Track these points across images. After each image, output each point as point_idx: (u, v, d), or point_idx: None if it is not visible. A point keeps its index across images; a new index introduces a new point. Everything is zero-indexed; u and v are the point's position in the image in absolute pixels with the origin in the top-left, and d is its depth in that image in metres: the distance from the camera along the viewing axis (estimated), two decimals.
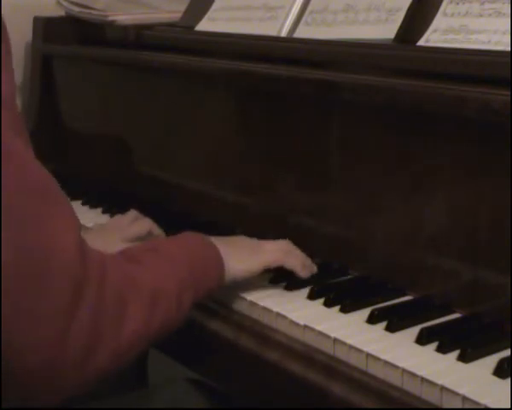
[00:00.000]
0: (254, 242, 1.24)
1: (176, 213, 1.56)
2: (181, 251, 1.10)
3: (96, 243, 1.37)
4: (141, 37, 1.78)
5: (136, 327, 0.96)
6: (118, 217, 1.49)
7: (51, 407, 1.01)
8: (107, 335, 0.93)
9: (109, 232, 1.42)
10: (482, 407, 0.89)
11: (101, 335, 0.92)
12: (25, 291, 0.87)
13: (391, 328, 1.07)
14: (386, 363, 0.99)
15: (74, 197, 1.74)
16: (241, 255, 1.18)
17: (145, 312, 0.98)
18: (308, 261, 1.25)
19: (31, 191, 0.91)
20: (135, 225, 1.43)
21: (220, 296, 1.22)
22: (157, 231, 1.44)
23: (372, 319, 1.10)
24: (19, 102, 2.08)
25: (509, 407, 0.89)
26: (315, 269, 1.25)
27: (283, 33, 1.51)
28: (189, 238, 1.16)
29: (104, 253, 0.98)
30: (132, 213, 1.46)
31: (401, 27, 1.32)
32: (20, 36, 2.03)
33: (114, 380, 1.45)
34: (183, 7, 1.81)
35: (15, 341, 0.87)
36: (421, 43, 1.27)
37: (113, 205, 1.64)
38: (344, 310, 1.14)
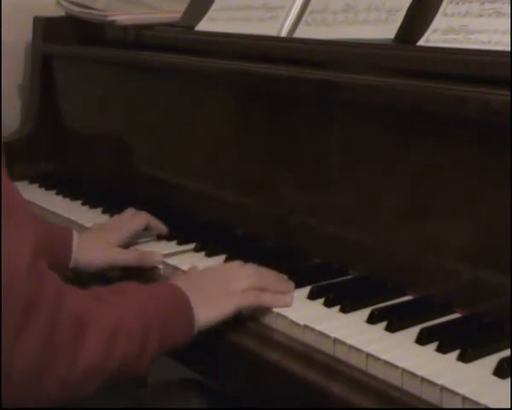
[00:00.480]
0: (222, 279, 1.16)
1: (176, 213, 1.56)
2: (150, 297, 1.05)
3: (96, 242, 1.38)
4: (141, 37, 1.78)
5: (92, 359, 0.92)
6: (116, 217, 1.50)
7: (52, 407, 1.01)
8: (58, 363, 0.90)
9: (108, 232, 1.42)
10: (482, 407, 0.89)
11: (51, 362, 0.89)
12: None
13: (391, 328, 1.07)
14: (386, 363, 0.99)
15: (74, 197, 1.74)
16: (212, 303, 1.11)
17: (103, 347, 0.94)
18: (282, 280, 1.19)
19: None
20: (132, 221, 1.44)
21: None
22: (154, 223, 1.46)
23: (372, 319, 1.10)
24: (19, 102, 2.08)
25: (508, 407, 0.89)
26: (292, 287, 1.19)
27: (283, 33, 1.51)
28: (161, 287, 1.12)
29: (63, 282, 0.94)
30: (129, 211, 1.48)
31: (401, 27, 1.32)
32: (20, 36, 2.03)
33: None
34: (183, 7, 1.81)
35: None
36: (421, 43, 1.27)
37: (113, 205, 1.64)
38: (344, 310, 1.14)
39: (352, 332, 1.07)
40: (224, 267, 1.23)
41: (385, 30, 1.34)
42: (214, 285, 1.15)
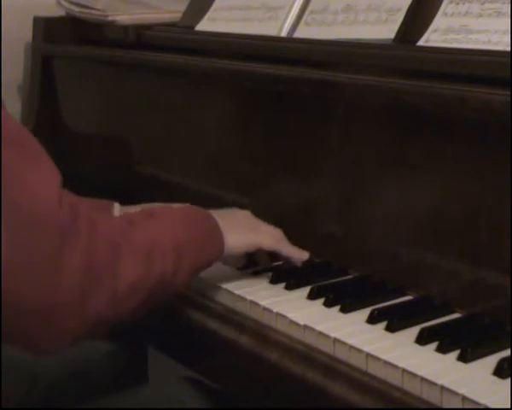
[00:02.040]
0: (251, 220, 1.26)
1: None
2: (181, 218, 1.12)
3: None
4: (141, 37, 1.78)
5: (132, 277, 0.98)
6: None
7: (52, 408, 1.01)
8: (103, 281, 0.95)
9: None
10: (482, 407, 0.89)
11: (97, 279, 0.94)
12: (13, 242, 0.89)
13: (391, 328, 1.07)
14: (386, 363, 0.99)
15: None
16: (239, 230, 1.20)
17: (140, 264, 0.99)
18: (299, 251, 1.26)
19: (9, 144, 0.92)
20: None
21: (220, 296, 1.22)
22: None
23: (372, 319, 1.10)
24: (19, 102, 2.08)
25: (509, 407, 0.89)
26: (306, 255, 1.26)
27: (283, 33, 1.51)
28: (189, 209, 1.19)
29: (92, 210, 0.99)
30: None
31: (401, 27, 1.32)
32: (20, 36, 2.03)
33: (114, 380, 1.46)
34: (183, 7, 1.81)
35: (11, 289, 0.89)
36: (421, 43, 1.27)
37: None
38: (344, 310, 1.14)
39: (352, 332, 1.07)
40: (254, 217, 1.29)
41: (385, 30, 1.34)
42: (242, 219, 1.25)
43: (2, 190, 0.89)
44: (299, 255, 1.25)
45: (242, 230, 1.21)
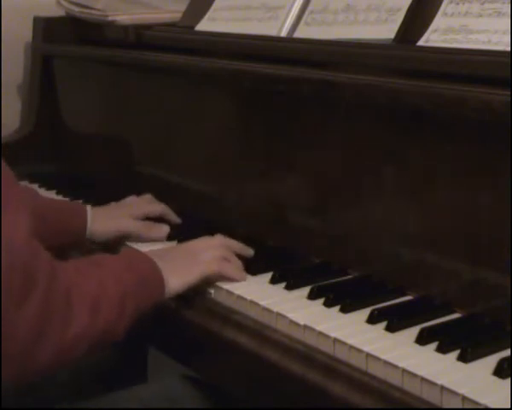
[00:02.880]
0: (190, 251, 1.26)
1: (176, 213, 1.56)
2: (124, 266, 1.13)
3: (107, 214, 1.45)
4: (141, 37, 1.78)
5: (80, 327, 0.99)
6: (132, 197, 1.55)
7: (52, 407, 1.01)
8: (52, 333, 0.95)
9: (119, 208, 1.50)
10: (482, 407, 0.89)
11: (47, 330, 0.95)
12: None
13: (391, 328, 1.07)
14: (386, 363, 0.99)
15: (74, 197, 1.74)
16: (179, 270, 1.20)
17: (88, 315, 1.00)
18: (240, 272, 1.26)
19: None
20: (148, 205, 1.52)
21: (220, 296, 1.22)
22: (172, 217, 1.52)
23: (372, 319, 1.10)
24: (19, 102, 2.08)
25: (508, 407, 0.89)
26: (244, 277, 1.26)
27: (283, 33, 1.51)
28: (131, 255, 1.20)
29: (53, 258, 1.00)
30: (147, 196, 1.55)
31: (401, 27, 1.32)
32: (20, 36, 2.03)
33: (113, 379, 1.46)
34: (183, 7, 1.81)
35: None
36: (421, 43, 1.27)
37: None
38: (344, 310, 1.14)
39: (352, 332, 1.07)
40: (193, 242, 1.30)
41: (385, 30, 1.34)
42: (182, 256, 1.25)
43: None
44: (240, 277, 1.24)
45: (183, 268, 1.21)
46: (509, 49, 1.14)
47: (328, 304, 1.16)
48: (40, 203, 1.43)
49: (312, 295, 1.19)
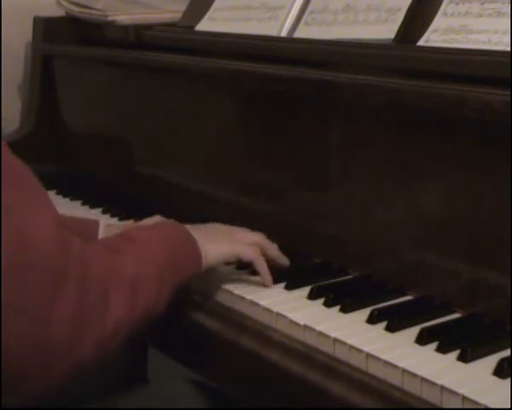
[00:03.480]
0: (230, 230, 1.25)
1: (176, 213, 1.56)
2: (158, 239, 1.11)
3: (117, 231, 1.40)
4: (141, 37, 1.78)
5: (119, 315, 0.97)
6: (156, 217, 1.49)
7: (52, 407, 1.01)
8: (92, 324, 0.94)
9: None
10: (482, 407, 0.89)
11: (86, 325, 0.93)
12: (5, 283, 0.87)
13: (391, 328, 1.07)
14: (386, 363, 0.99)
15: (74, 197, 1.75)
16: (217, 242, 1.19)
17: (127, 299, 0.99)
18: (279, 256, 1.27)
19: (7, 181, 0.91)
20: None
21: (220, 296, 1.22)
22: None
23: (372, 319, 1.10)
24: (19, 102, 2.08)
25: (509, 407, 0.89)
26: (287, 262, 1.26)
27: (283, 33, 1.51)
28: (165, 227, 1.18)
29: (84, 243, 0.98)
30: (156, 218, 1.47)
31: (401, 27, 1.32)
32: (20, 36, 2.03)
33: (114, 380, 1.46)
34: (183, 7, 1.81)
35: (2, 331, 0.87)
36: (421, 43, 1.27)
37: (114, 205, 1.64)
38: (344, 310, 1.14)
39: (352, 332, 1.07)
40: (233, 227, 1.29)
41: (385, 30, 1.34)
42: (220, 231, 1.24)
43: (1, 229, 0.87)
44: (267, 281, 1.22)
45: (220, 241, 1.20)
46: (509, 49, 1.14)
47: (328, 304, 1.16)
48: None
49: (312, 295, 1.19)
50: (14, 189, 0.91)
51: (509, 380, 0.94)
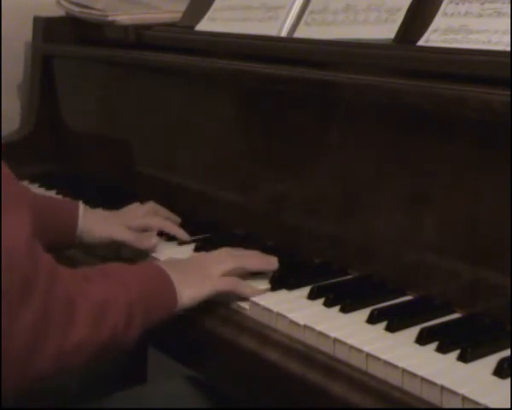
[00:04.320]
0: (205, 265, 1.22)
1: (176, 213, 1.56)
2: (133, 275, 1.11)
3: (101, 217, 1.42)
4: (141, 37, 1.78)
5: (82, 333, 0.97)
6: (135, 204, 1.51)
7: (52, 407, 1.01)
8: (52, 339, 0.94)
9: (116, 215, 1.47)
10: (482, 407, 0.89)
11: (46, 338, 0.93)
12: None
13: (391, 328, 1.07)
14: (386, 363, 0.99)
15: (74, 197, 1.74)
16: (192, 283, 1.17)
17: (93, 320, 0.99)
18: (267, 258, 1.26)
19: None
20: (146, 218, 1.46)
21: (220, 296, 1.22)
22: (171, 229, 1.45)
23: (372, 319, 1.10)
24: (19, 102, 2.08)
25: (508, 407, 0.89)
26: (275, 264, 1.25)
27: (283, 33, 1.51)
28: (143, 267, 1.18)
29: (56, 263, 0.98)
30: (149, 206, 1.49)
31: (401, 27, 1.32)
32: (20, 36, 2.03)
33: (113, 379, 1.46)
34: (183, 7, 1.81)
35: None
36: (421, 43, 1.27)
37: (114, 205, 1.64)
38: (344, 310, 1.14)
39: (352, 332, 1.07)
40: (205, 254, 1.29)
41: (385, 30, 1.34)
42: (194, 268, 1.21)
43: None
44: (253, 293, 1.20)
45: (196, 281, 1.18)
46: (509, 49, 1.14)
47: (328, 304, 1.16)
48: (31, 198, 1.39)
49: (312, 295, 1.19)
50: None
51: (508, 380, 0.94)
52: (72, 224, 1.41)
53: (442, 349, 1.01)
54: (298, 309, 1.15)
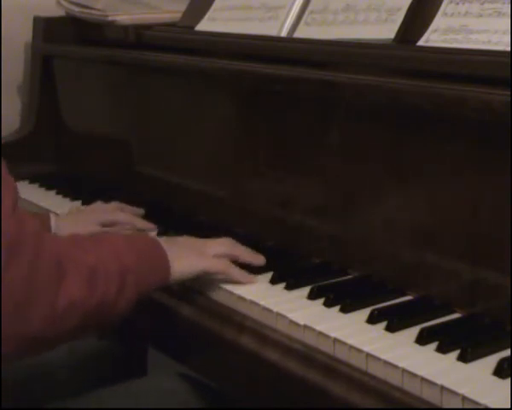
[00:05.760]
0: (199, 243, 1.25)
1: (176, 213, 1.56)
2: (126, 244, 1.12)
3: (68, 221, 1.41)
4: (141, 37, 1.78)
5: (73, 294, 0.98)
6: (99, 203, 1.53)
7: (52, 407, 1.01)
8: (43, 297, 0.95)
9: (84, 213, 1.48)
10: (482, 407, 0.89)
11: (37, 296, 0.94)
12: None
13: (391, 328, 1.07)
14: (386, 363, 0.99)
15: (74, 197, 1.74)
16: (186, 257, 1.19)
17: (84, 283, 1.00)
18: (254, 255, 1.28)
19: None
20: (116, 212, 1.47)
21: (220, 296, 1.22)
22: (140, 224, 1.47)
23: (372, 319, 1.10)
24: (19, 102, 2.08)
25: (509, 407, 0.89)
26: (262, 260, 1.27)
27: (283, 33, 1.51)
28: (137, 236, 1.20)
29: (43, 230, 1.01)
30: (115, 204, 1.51)
31: (401, 27, 1.32)
32: (20, 36, 2.03)
33: (114, 377, 1.46)
34: (183, 7, 1.81)
35: None
36: (421, 43, 1.27)
37: None
38: (344, 310, 1.14)
39: (352, 332, 1.07)
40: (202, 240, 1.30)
41: (385, 30, 1.34)
42: (188, 244, 1.24)
43: None
44: (246, 280, 1.23)
45: (189, 256, 1.20)
46: (509, 49, 1.14)
47: (328, 304, 1.16)
48: None
49: (312, 295, 1.19)
50: None
51: (509, 380, 0.94)
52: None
53: (442, 349, 1.01)
54: (298, 309, 1.15)
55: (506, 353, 1.00)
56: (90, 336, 1.48)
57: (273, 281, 1.25)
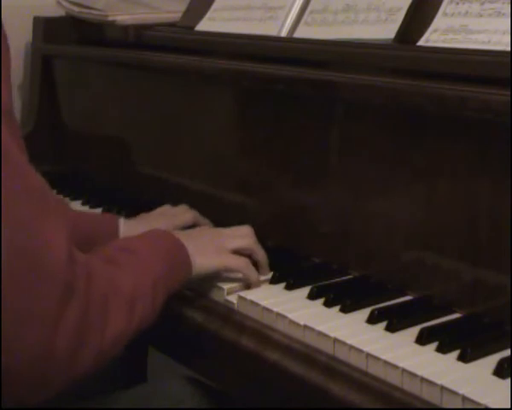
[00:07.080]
0: (219, 239, 1.25)
1: None
2: (153, 251, 1.12)
3: (138, 226, 1.40)
4: (141, 37, 1.78)
5: (118, 329, 0.99)
6: (167, 206, 1.52)
7: (52, 407, 1.01)
8: (92, 336, 0.95)
9: (154, 217, 1.47)
10: (482, 407, 0.89)
11: (87, 336, 0.94)
12: (15, 292, 0.88)
13: (391, 328, 1.07)
14: (386, 363, 0.99)
15: (74, 197, 1.74)
16: (205, 252, 1.20)
17: (126, 314, 1.01)
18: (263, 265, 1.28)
19: (26, 194, 0.92)
20: (183, 215, 1.48)
21: (220, 296, 1.22)
22: (202, 221, 1.48)
23: (372, 319, 1.10)
24: (19, 102, 2.08)
25: (508, 406, 0.89)
26: (268, 274, 1.27)
27: (283, 33, 1.51)
28: (160, 237, 1.18)
29: (86, 257, 0.99)
30: (184, 206, 1.51)
31: (401, 27, 1.32)
32: (20, 36, 2.03)
33: (113, 380, 1.46)
34: (183, 7, 1.81)
35: (5, 340, 0.88)
36: (421, 43, 1.27)
37: (114, 205, 1.64)
38: (344, 310, 1.14)
39: (352, 332, 1.07)
40: (221, 228, 1.30)
41: (385, 30, 1.34)
42: (208, 238, 1.25)
43: (13, 236, 0.88)
44: (257, 285, 1.23)
45: (209, 252, 1.21)
46: (509, 49, 1.14)
47: (328, 304, 1.16)
48: (71, 215, 1.40)
49: (312, 295, 1.19)
50: (26, 202, 0.91)
51: (508, 380, 0.94)
52: (114, 238, 1.39)
53: (442, 349, 1.01)
54: (298, 309, 1.15)
55: (506, 353, 1.00)
56: None
57: (273, 281, 1.25)
